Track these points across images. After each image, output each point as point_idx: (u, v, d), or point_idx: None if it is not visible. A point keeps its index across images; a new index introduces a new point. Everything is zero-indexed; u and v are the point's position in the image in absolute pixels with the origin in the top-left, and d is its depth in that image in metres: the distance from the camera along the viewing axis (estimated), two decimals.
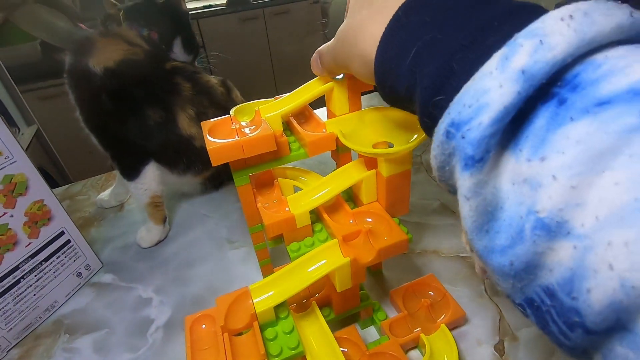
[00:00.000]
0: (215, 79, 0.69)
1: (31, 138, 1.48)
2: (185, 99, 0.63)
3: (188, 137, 0.63)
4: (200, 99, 0.64)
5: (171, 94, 0.62)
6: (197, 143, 0.64)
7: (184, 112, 0.63)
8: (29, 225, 0.50)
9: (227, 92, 0.70)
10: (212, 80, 0.68)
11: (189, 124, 0.63)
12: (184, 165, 0.66)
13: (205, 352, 0.36)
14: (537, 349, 0.43)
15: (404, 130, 0.43)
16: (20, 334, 0.51)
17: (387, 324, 0.45)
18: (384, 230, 0.42)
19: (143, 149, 0.63)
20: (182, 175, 0.68)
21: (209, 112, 0.65)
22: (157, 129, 0.61)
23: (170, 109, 0.62)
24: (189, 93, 0.63)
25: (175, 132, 0.62)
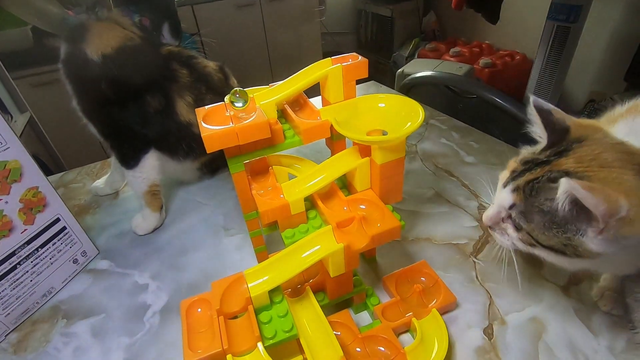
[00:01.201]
0: (212, 64, 0.68)
1: (24, 125, 1.47)
2: (183, 86, 0.63)
3: (187, 123, 0.63)
4: (198, 85, 0.64)
5: (169, 80, 0.62)
6: (196, 130, 0.64)
7: (182, 99, 0.62)
8: (24, 211, 0.51)
9: (225, 78, 0.69)
10: (209, 66, 0.67)
11: (187, 110, 0.63)
12: (184, 152, 0.66)
13: (201, 335, 0.37)
14: (524, 333, 0.45)
15: (398, 119, 0.43)
16: (18, 319, 0.52)
17: (380, 309, 0.46)
18: (378, 217, 0.43)
19: (143, 137, 0.62)
20: (181, 161, 0.68)
21: (207, 98, 0.65)
22: (156, 117, 0.61)
23: (168, 95, 0.62)
24: (186, 80, 0.63)
25: (174, 119, 0.62)
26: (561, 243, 0.35)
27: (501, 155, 0.75)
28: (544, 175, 0.36)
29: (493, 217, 0.41)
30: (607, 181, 0.33)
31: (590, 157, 0.35)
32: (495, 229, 0.42)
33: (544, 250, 0.37)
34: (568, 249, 0.35)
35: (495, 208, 0.41)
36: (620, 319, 0.45)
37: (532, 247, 0.38)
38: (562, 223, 0.34)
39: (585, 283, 0.50)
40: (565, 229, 0.34)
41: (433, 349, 0.41)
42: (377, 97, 0.46)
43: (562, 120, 0.39)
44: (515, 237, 0.39)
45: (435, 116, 0.92)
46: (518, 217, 0.38)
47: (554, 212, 0.35)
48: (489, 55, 2.05)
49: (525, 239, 0.38)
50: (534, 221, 0.36)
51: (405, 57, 2.44)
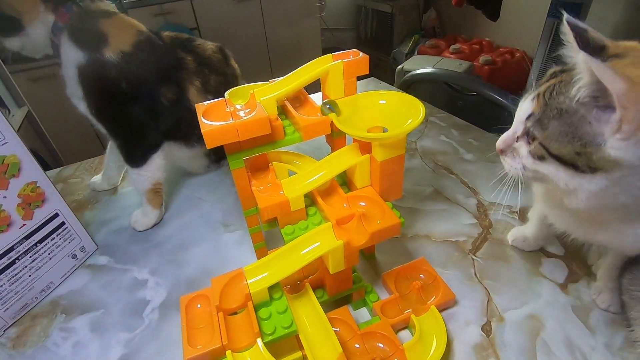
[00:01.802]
0: (211, 45, 0.68)
1: (22, 120, 1.46)
2: (191, 72, 0.63)
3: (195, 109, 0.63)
4: (202, 69, 0.64)
5: (179, 69, 0.62)
6: None
7: (193, 85, 0.63)
8: (23, 206, 0.50)
9: (225, 59, 0.69)
10: (208, 48, 0.67)
11: (197, 96, 0.63)
12: (197, 137, 0.66)
13: (201, 331, 0.37)
14: (522, 330, 0.45)
15: (399, 116, 0.43)
16: (17, 314, 0.52)
17: (379, 305, 0.46)
18: (377, 214, 0.43)
19: (156, 133, 0.62)
20: (194, 146, 0.68)
21: (211, 79, 0.65)
22: (171, 107, 0.61)
23: (181, 84, 0.62)
24: (192, 66, 0.63)
25: (187, 106, 0.63)
26: (574, 151, 0.33)
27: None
28: (566, 79, 0.34)
29: (507, 138, 0.40)
30: None
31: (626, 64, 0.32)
32: (507, 153, 0.40)
33: (553, 164, 0.35)
34: (581, 159, 0.33)
35: (511, 129, 0.40)
36: (618, 316, 0.45)
37: (541, 163, 0.36)
38: (578, 126, 0.32)
39: (582, 280, 0.50)
40: (581, 132, 0.32)
41: (431, 346, 0.41)
42: (378, 93, 0.46)
43: (599, 38, 0.36)
44: (526, 154, 0.37)
45: (435, 113, 0.92)
46: (534, 126, 0.36)
47: (572, 113, 0.33)
48: (489, 53, 2.05)
49: (537, 150, 0.36)
50: (549, 127, 0.34)
51: (405, 54, 2.44)
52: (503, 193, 0.42)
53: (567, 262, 0.53)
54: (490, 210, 0.62)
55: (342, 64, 0.45)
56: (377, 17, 2.62)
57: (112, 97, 0.59)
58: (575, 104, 0.32)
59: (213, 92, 0.65)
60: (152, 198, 0.64)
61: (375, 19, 2.65)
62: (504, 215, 0.61)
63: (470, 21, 2.37)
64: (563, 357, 0.42)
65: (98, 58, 0.56)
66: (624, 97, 0.28)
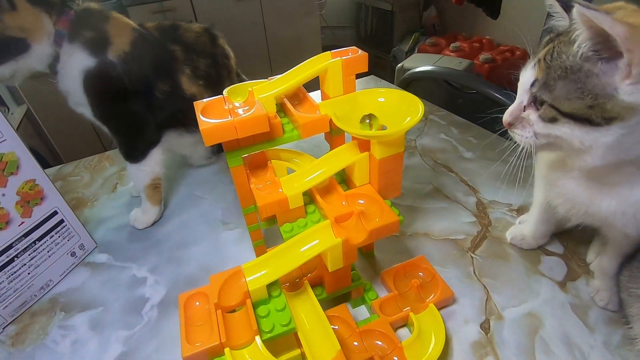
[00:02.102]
0: (195, 28, 0.68)
1: (21, 118, 1.46)
2: (181, 62, 0.63)
3: (191, 96, 0.64)
4: (190, 55, 0.64)
5: (171, 61, 0.62)
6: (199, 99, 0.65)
7: (184, 74, 0.63)
8: (22, 204, 0.50)
9: (211, 40, 0.68)
10: (193, 32, 0.67)
11: (188, 83, 0.63)
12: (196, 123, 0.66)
13: (199, 329, 0.37)
14: (521, 328, 0.45)
15: (398, 113, 0.43)
16: (16, 312, 0.52)
17: (378, 303, 0.46)
18: (376, 212, 0.43)
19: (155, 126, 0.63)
20: (194, 133, 0.68)
21: (200, 64, 0.65)
22: (167, 99, 0.62)
23: (173, 75, 0.62)
24: (181, 55, 0.63)
25: (181, 95, 0.63)
26: (586, 106, 0.33)
27: (500, 151, 0.74)
28: (564, 40, 0.35)
29: (514, 110, 0.40)
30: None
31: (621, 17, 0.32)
32: (516, 125, 0.40)
33: (567, 123, 0.35)
34: (594, 112, 0.33)
35: (516, 101, 0.40)
36: (616, 314, 0.45)
37: (553, 125, 0.36)
38: (586, 80, 0.33)
39: (581, 279, 0.50)
40: (590, 85, 0.32)
41: (430, 344, 0.41)
42: (376, 91, 0.46)
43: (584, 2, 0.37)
44: (536, 119, 0.37)
45: (435, 111, 0.92)
46: (540, 91, 0.36)
47: (577, 70, 0.33)
48: (489, 51, 2.04)
49: (547, 113, 0.36)
50: (557, 88, 0.35)
51: (405, 52, 2.43)
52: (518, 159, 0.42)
53: (566, 260, 0.53)
54: (489, 209, 0.62)
55: (341, 61, 0.45)
56: (377, 15, 2.62)
57: (115, 97, 0.59)
58: (578, 60, 0.33)
59: (204, 76, 0.65)
60: (151, 194, 0.64)
61: (376, 17, 2.65)
62: (504, 214, 0.61)
63: (470, 19, 2.37)
64: (562, 355, 0.42)
65: (104, 60, 0.56)
66: (627, 40, 0.28)
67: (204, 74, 0.65)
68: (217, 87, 0.67)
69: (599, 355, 0.42)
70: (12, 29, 0.50)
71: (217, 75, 0.67)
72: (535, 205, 0.53)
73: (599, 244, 0.52)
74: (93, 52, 0.55)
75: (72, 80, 0.56)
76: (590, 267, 0.51)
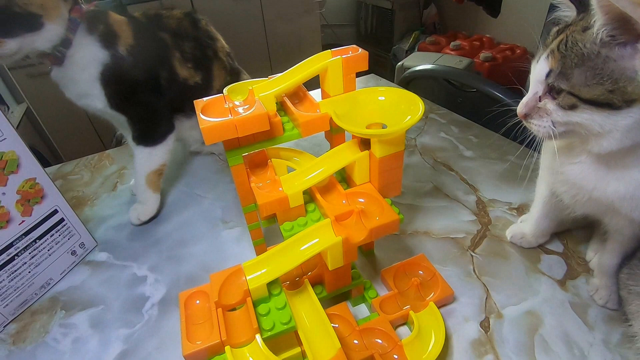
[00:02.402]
0: (177, 13, 0.69)
1: (21, 116, 1.46)
2: (171, 47, 0.65)
3: (183, 80, 0.65)
4: (176, 40, 0.66)
5: (164, 48, 0.64)
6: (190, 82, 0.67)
7: (175, 59, 0.65)
8: (22, 203, 0.50)
9: (193, 24, 0.70)
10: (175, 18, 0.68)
11: (180, 67, 0.65)
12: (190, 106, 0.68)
13: (200, 327, 0.37)
14: (520, 326, 0.45)
15: (398, 112, 0.43)
16: (17, 310, 0.52)
17: (378, 302, 0.46)
18: (376, 211, 0.43)
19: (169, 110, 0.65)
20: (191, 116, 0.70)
21: (185, 47, 0.66)
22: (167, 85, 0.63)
23: (169, 61, 0.64)
24: (170, 41, 0.65)
25: (177, 79, 0.65)
26: (607, 90, 0.33)
27: (500, 149, 0.75)
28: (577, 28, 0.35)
29: (529, 101, 0.40)
30: None
31: None
32: (532, 116, 0.40)
33: (587, 110, 0.35)
34: (616, 95, 0.33)
35: (530, 93, 0.40)
36: (616, 312, 0.45)
37: (573, 112, 0.36)
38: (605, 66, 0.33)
39: (581, 277, 0.50)
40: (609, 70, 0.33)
41: (430, 342, 0.41)
42: (377, 90, 0.46)
43: None
44: (554, 108, 0.37)
45: (435, 110, 0.92)
46: (557, 81, 0.36)
47: (595, 56, 0.33)
48: (490, 49, 2.04)
49: (566, 101, 0.36)
50: (575, 75, 0.35)
51: (405, 50, 2.43)
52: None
53: (566, 258, 0.53)
54: (489, 207, 0.62)
55: (341, 60, 0.45)
56: (377, 14, 2.61)
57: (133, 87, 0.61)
58: (595, 47, 0.33)
59: (191, 59, 0.66)
60: (155, 180, 0.66)
61: (376, 16, 2.64)
62: (503, 212, 0.61)
63: (470, 17, 2.36)
64: (561, 353, 0.42)
65: (118, 53, 0.58)
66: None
67: (191, 57, 0.66)
68: (205, 69, 0.69)
69: (599, 354, 0.42)
70: (34, 5, 0.51)
71: (203, 57, 0.69)
72: (537, 199, 0.53)
73: (598, 242, 0.52)
74: (108, 45, 0.57)
75: (82, 70, 0.57)
76: (589, 265, 0.51)
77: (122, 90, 0.60)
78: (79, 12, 0.56)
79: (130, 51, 0.59)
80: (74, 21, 0.55)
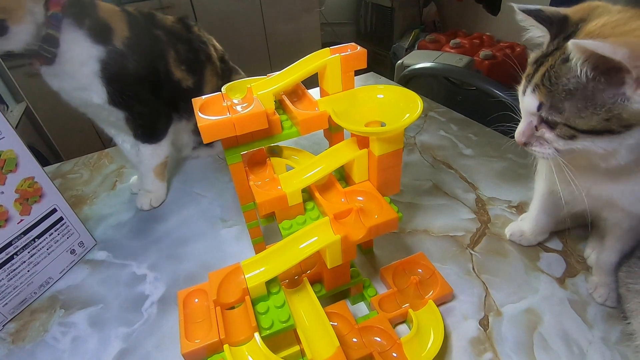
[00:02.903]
0: (170, 18, 0.69)
1: (20, 115, 1.45)
2: (166, 45, 0.64)
3: (177, 81, 0.65)
4: (170, 39, 0.65)
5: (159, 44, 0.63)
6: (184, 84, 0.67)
7: (171, 58, 0.64)
8: (20, 202, 0.50)
9: (186, 28, 0.69)
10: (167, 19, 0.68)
11: (175, 66, 0.65)
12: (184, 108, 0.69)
13: (198, 325, 0.37)
14: (519, 324, 0.45)
15: (396, 110, 0.42)
16: (16, 309, 0.52)
17: (377, 300, 0.46)
18: (375, 209, 0.43)
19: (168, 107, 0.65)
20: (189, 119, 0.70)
21: (179, 48, 0.66)
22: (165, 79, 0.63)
23: (165, 58, 0.63)
24: (164, 38, 0.64)
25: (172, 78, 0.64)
26: (602, 119, 0.33)
27: (500, 147, 0.75)
28: (556, 60, 0.35)
29: (525, 130, 0.39)
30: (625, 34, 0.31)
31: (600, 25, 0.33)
32: (532, 143, 0.39)
33: (587, 138, 0.34)
34: (612, 123, 0.33)
35: (524, 121, 0.39)
36: (615, 310, 0.45)
37: (573, 141, 0.35)
38: (595, 96, 0.32)
39: (580, 275, 0.50)
40: (601, 100, 0.32)
41: (429, 340, 0.41)
42: (375, 88, 0.46)
43: (555, 12, 0.37)
44: (554, 138, 0.37)
45: (434, 108, 0.92)
46: (549, 113, 0.36)
47: (582, 88, 0.33)
48: (490, 47, 2.03)
49: (564, 132, 0.35)
50: (567, 109, 0.34)
51: (405, 49, 2.42)
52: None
53: (565, 256, 0.53)
54: (488, 205, 0.62)
55: (340, 57, 0.45)
56: (377, 12, 2.61)
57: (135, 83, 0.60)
58: (580, 80, 0.32)
59: (184, 61, 0.66)
60: (161, 171, 0.68)
61: (375, 14, 2.63)
62: (503, 210, 0.61)
63: (470, 15, 2.36)
64: (560, 351, 0.42)
65: (115, 47, 0.56)
66: (632, 59, 0.28)
67: (185, 59, 0.66)
68: (198, 72, 0.68)
69: (598, 351, 0.42)
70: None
71: (196, 60, 0.68)
72: (536, 195, 0.53)
73: (596, 240, 0.52)
74: (101, 40, 0.55)
75: (80, 67, 0.55)
76: (587, 262, 0.51)
77: (124, 87, 0.59)
78: (58, 6, 0.51)
79: (126, 44, 0.57)
80: (55, 17, 0.51)
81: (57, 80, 0.57)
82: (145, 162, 0.66)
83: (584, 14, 0.36)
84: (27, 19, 0.50)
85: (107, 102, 0.59)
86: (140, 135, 0.64)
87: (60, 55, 0.53)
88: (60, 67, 0.54)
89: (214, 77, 0.71)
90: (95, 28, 0.55)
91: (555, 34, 0.37)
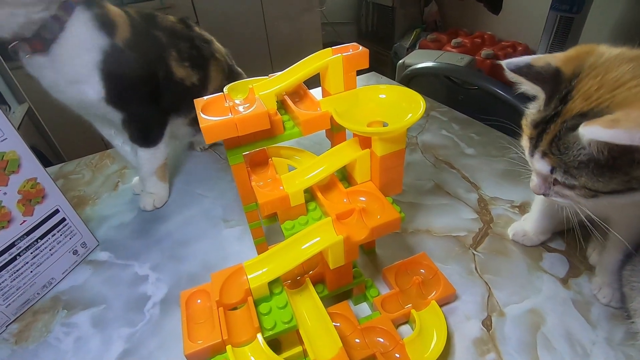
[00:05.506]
0: (171, 18, 0.69)
1: (23, 116, 1.46)
2: (167, 45, 0.64)
3: (180, 80, 0.65)
4: (171, 39, 0.65)
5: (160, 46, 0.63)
6: (187, 82, 0.66)
7: (172, 58, 0.64)
8: (23, 203, 0.50)
9: (187, 27, 0.69)
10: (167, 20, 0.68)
11: (176, 66, 0.65)
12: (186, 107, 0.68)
13: (201, 326, 0.37)
14: (523, 324, 0.45)
15: (399, 110, 0.42)
16: (19, 310, 0.52)
17: (379, 300, 0.46)
18: (377, 209, 0.43)
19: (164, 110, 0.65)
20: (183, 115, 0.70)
21: (181, 47, 0.66)
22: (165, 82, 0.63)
23: (165, 59, 0.63)
24: (165, 39, 0.64)
25: (173, 79, 0.64)
26: (622, 181, 0.31)
27: (502, 147, 0.74)
28: (561, 129, 0.33)
29: (542, 186, 0.38)
30: (629, 101, 0.29)
31: (597, 87, 0.32)
32: (552, 195, 0.38)
33: (610, 197, 0.33)
34: (634, 183, 0.31)
35: (539, 178, 0.38)
36: (619, 311, 0.45)
37: (596, 199, 0.34)
38: (611, 164, 0.31)
39: (584, 275, 0.50)
40: (618, 167, 0.31)
41: (432, 340, 0.41)
42: (377, 88, 0.46)
43: (546, 65, 0.36)
44: (573, 195, 0.36)
45: (436, 108, 0.91)
46: (564, 178, 0.34)
47: (597, 159, 0.31)
48: (491, 46, 2.03)
49: (584, 193, 0.34)
50: (583, 175, 0.33)
51: (406, 48, 2.42)
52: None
53: (568, 256, 0.53)
54: (491, 205, 0.62)
55: (342, 58, 0.45)
56: (378, 11, 2.60)
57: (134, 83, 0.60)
58: (593, 152, 0.31)
59: (188, 58, 0.66)
60: (161, 172, 0.68)
61: (376, 13, 2.63)
62: (505, 210, 0.61)
63: (471, 15, 2.35)
64: (563, 352, 0.42)
65: (117, 45, 0.56)
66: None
67: (188, 56, 0.66)
68: (202, 69, 0.68)
69: (601, 351, 0.42)
70: None
71: (199, 57, 0.68)
72: (536, 199, 0.53)
73: (598, 239, 0.52)
74: (107, 32, 0.55)
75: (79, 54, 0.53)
76: (589, 261, 0.51)
77: (121, 85, 0.58)
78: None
79: (127, 45, 0.57)
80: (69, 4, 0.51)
81: (49, 71, 0.53)
82: (145, 167, 0.66)
83: (577, 66, 0.34)
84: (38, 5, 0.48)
85: (103, 98, 0.57)
86: (136, 138, 0.64)
87: (61, 41, 0.51)
88: (55, 56, 0.52)
89: (219, 74, 0.71)
90: (103, 19, 0.55)
91: (550, 92, 0.36)
